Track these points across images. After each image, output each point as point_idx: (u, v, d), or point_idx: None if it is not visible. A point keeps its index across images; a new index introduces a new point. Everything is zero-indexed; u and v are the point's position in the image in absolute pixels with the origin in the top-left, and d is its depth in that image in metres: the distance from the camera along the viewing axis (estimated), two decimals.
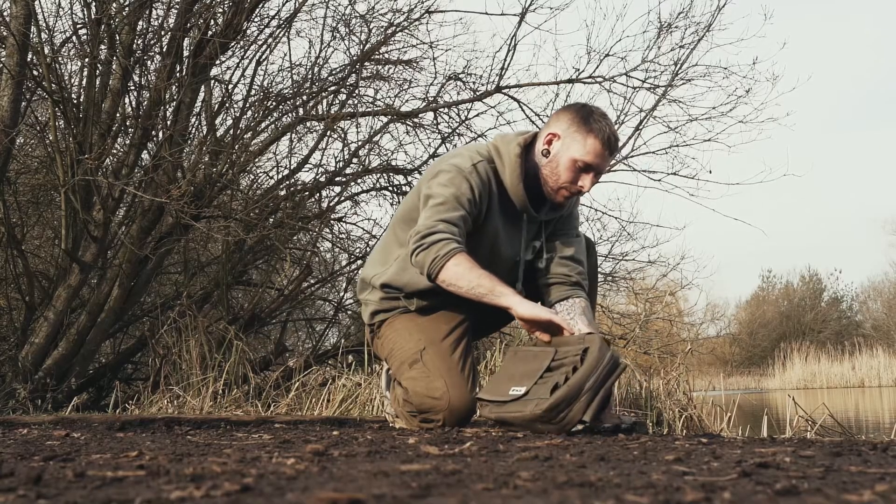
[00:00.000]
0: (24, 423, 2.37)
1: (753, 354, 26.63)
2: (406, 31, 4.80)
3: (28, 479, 0.97)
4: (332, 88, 4.71)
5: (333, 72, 4.77)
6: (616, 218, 5.38)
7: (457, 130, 4.99)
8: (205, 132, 4.32)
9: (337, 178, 4.85)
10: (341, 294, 5.72)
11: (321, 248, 5.61)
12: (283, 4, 4.44)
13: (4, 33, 3.72)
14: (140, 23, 4.02)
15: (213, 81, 4.45)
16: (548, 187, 2.24)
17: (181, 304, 4.15)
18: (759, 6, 4.76)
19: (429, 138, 5.05)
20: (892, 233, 40.48)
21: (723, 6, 4.74)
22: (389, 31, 4.70)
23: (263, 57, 4.45)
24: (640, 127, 4.97)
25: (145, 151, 4.19)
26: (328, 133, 4.65)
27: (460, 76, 4.90)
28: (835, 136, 51.89)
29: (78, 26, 4.01)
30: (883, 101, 49.98)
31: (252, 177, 5.52)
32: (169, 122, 3.96)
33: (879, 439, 2.07)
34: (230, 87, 4.55)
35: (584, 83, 4.84)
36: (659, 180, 5.00)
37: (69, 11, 4.07)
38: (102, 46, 3.85)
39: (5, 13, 3.77)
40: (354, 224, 5.43)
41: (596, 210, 5.36)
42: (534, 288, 2.36)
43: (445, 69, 5.03)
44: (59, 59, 3.96)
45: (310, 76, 4.60)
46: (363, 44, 4.65)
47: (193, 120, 4.41)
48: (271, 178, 5.34)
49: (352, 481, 0.98)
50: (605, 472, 1.09)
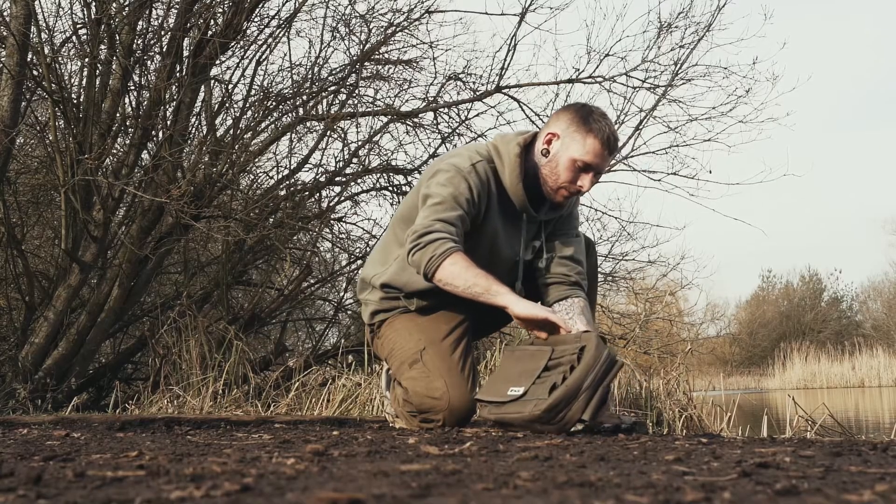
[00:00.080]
0: (24, 423, 2.37)
1: (753, 354, 26.63)
2: (406, 31, 4.80)
3: (28, 479, 0.97)
4: (332, 88, 4.71)
5: (333, 72, 4.77)
6: (616, 218, 5.39)
7: (457, 130, 4.99)
8: (205, 132, 4.32)
9: (337, 178, 4.85)
10: (341, 294, 5.72)
11: (321, 248, 5.61)
12: (283, 4, 4.45)
13: (4, 33, 3.72)
14: (140, 23, 4.02)
15: (213, 81, 4.45)
16: (547, 187, 2.24)
17: (181, 304, 4.15)
18: (759, 6, 4.76)
19: (429, 138, 5.06)
20: (892, 233, 40.53)
21: (723, 6, 4.74)
22: (389, 31, 4.70)
23: (263, 57, 4.46)
24: (640, 127, 4.98)
25: (145, 151, 4.19)
26: (328, 133, 4.65)
27: (460, 76, 4.91)
28: (835, 136, 51.96)
29: (78, 26, 4.01)
30: (883, 101, 50.05)
31: (252, 177, 5.52)
32: (169, 122, 3.96)
33: (879, 439, 2.07)
34: (230, 87, 4.56)
35: (584, 83, 4.84)
36: (659, 180, 5.00)
37: (69, 11, 4.08)
38: (102, 46, 3.85)
39: (5, 13, 3.77)
40: (354, 224, 5.44)
41: (596, 210, 5.37)
42: (533, 288, 2.37)
43: (445, 69, 5.03)
44: (59, 59, 3.96)
45: (310, 76, 4.60)
46: (363, 44, 4.65)
47: (193, 120, 4.41)
48: (271, 178, 5.35)
49: (352, 481, 0.98)
50: (605, 472, 1.09)
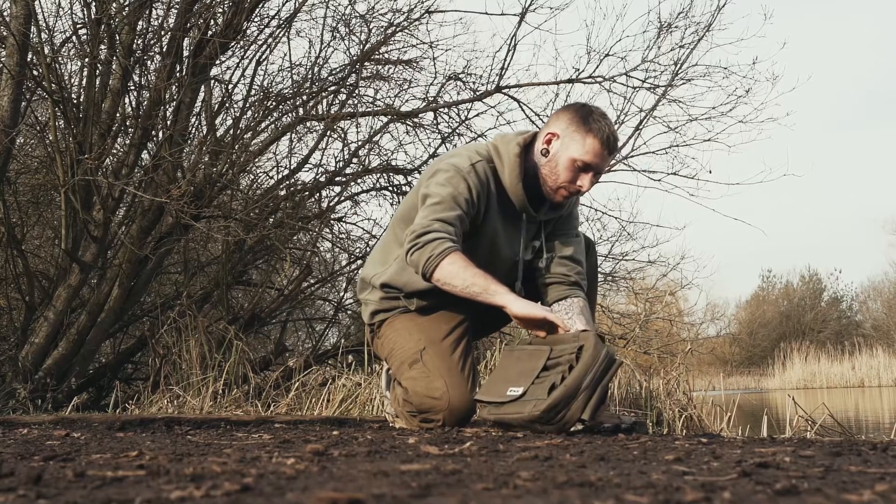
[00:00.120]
0: (24, 423, 2.37)
1: (753, 354, 26.63)
2: (406, 31, 4.79)
3: (28, 479, 0.97)
4: (332, 88, 4.71)
5: (333, 72, 4.77)
6: (616, 218, 5.39)
7: (457, 130, 4.99)
8: (205, 132, 4.32)
9: (337, 178, 4.85)
10: (341, 294, 5.72)
11: (321, 248, 5.61)
12: (283, 4, 4.44)
13: (4, 33, 3.72)
14: (140, 23, 4.02)
15: (213, 81, 4.45)
16: (547, 187, 2.24)
17: (181, 304, 4.15)
18: (759, 6, 4.76)
19: (429, 138, 5.06)
20: (892, 233, 40.48)
21: (723, 6, 4.74)
22: (389, 31, 4.70)
23: (263, 57, 4.45)
24: (640, 127, 4.97)
25: (145, 151, 4.19)
26: (328, 133, 4.65)
27: (460, 76, 4.90)
28: (835, 136, 51.96)
29: (78, 26, 4.01)
30: (883, 101, 50.05)
31: (252, 177, 5.52)
32: (169, 122, 3.96)
33: (879, 439, 2.07)
34: (230, 87, 4.55)
35: (584, 83, 4.84)
36: (659, 180, 5.00)
37: (69, 11, 4.08)
38: (102, 46, 3.85)
39: (5, 13, 3.77)
40: (354, 224, 5.44)
41: (596, 210, 5.36)
42: (533, 287, 2.37)
43: (445, 69, 5.03)
44: (59, 59, 3.96)
45: (310, 76, 4.60)
46: (363, 44, 4.65)
47: (193, 120, 4.41)
48: (271, 178, 5.35)
49: (352, 481, 0.98)
50: (605, 472, 1.09)
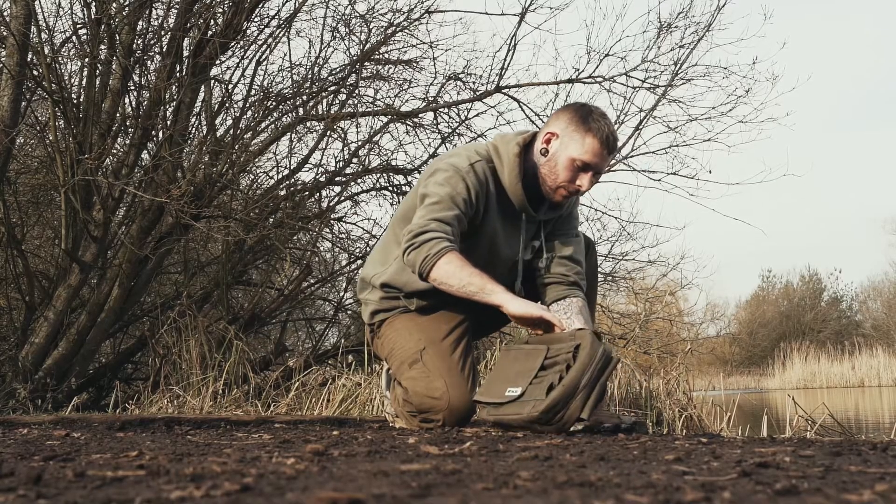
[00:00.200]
0: (24, 423, 2.37)
1: (753, 354, 26.63)
2: (406, 31, 4.79)
3: (28, 479, 0.97)
4: (332, 88, 4.71)
5: (333, 72, 4.77)
6: (616, 218, 5.39)
7: (457, 130, 4.99)
8: (205, 132, 4.32)
9: (337, 178, 4.85)
10: (341, 294, 5.72)
11: (321, 248, 5.61)
12: (283, 4, 4.44)
13: (4, 33, 3.72)
14: (140, 23, 4.02)
15: (213, 81, 4.44)
16: (546, 186, 2.24)
17: (181, 303, 4.15)
18: (759, 6, 4.76)
19: (429, 138, 5.06)
20: (892, 233, 40.49)
21: (723, 6, 4.74)
22: (389, 31, 4.70)
23: (263, 57, 4.45)
24: (640, 127, 4.97)
25: (145, 151, 4.19)
26: (328, 133, 4.65)
27: (460, 76, 4.90)
28: (835, 136, 51.96)
29: (78, 26, 4.01)
30: (883, 101, 50.06)
31: (252, 177, 5.52)
32: (169, 122, 3.96)
33: (879, 439, 2.07)
34: (230, 87, 4.55)
35: (584, 83, 4.84)
36: (659, 180, 5.00)
37: (69, 11, 4.08)
38: (102, 46, 3.85)
39: (5, 13, 3.77)
40: (354, 224, 5.43)
41: (596, 210, 5.36)
42: (533, 287, 2.37)
43: (445, 69, 5.03)
44: (59, 59, 3.96)
45: (310, 76, 4.60)
46: (363, 44, 4.65)
47: (193, 120, 4.41)
48: (271, 178, 5.35)
49: (352, 481, 0.98)
50: (605, 471, 1.09)
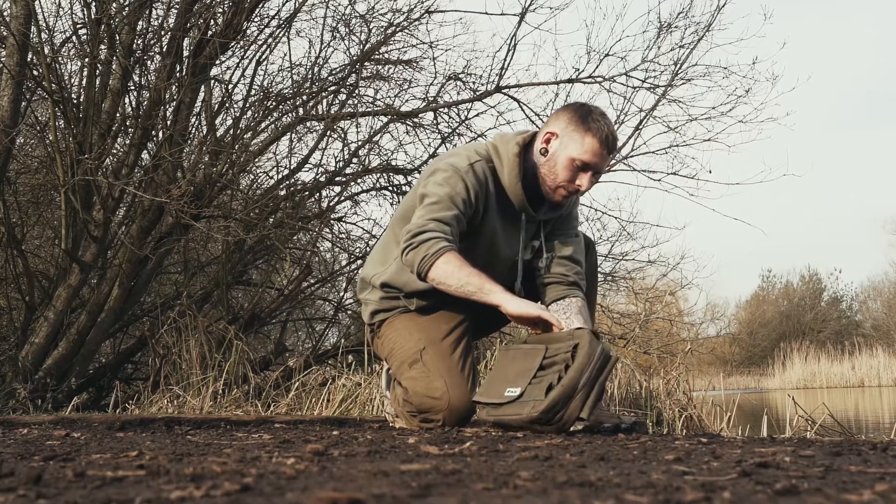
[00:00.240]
0: (24, 423, 2.37)
1: (753, 354, 26.63)
2: (406, 31, 4.79)
3: (28, 479, 0.97)
4: (332, 88, 4.71)
5: (333, 72, 4.77)
6: (616, 218, 5.39)
7: (457, 130, 4.99)
8: (205, 132, 4.32)
9: (337, 178, 4.85)
10: (341, 294, 5.72)
11: (321, 248, 5.61)
12: (283, 4, 4.44)
13: (4, 33, 3.72)
14: (140, 23, 4.02)
15: (213, 81, 4.44)
16: (546, 186, 2.24)
17: (181, 303, 4.15)
18: (759, 6, 4.76)
19: (429, 138, 5.06)
20: (892, 233, 40.48)
21: (723, 6, 4.74)
22: (389, 31, 4.70)
23: (263, 57, 4.45)
24: (640, 127, 4.97)
25: (145, 151, 4.19)
26: (328, 133, 4.65)
27: (460, 76, 4.90)
28: (835, 136, 51.96)
29: (78, 26, 4.01)
30: (883, 101, 50.05)
31: (252, 177, 5.52)
32: (169, 122, 3.96)
33: (879, 439, 2.07)
34: (230, 87, 4.55)
35: (584, 83, 4.84)
36: (659, 180, 5.00)
37: (69, 11, 4.08)
38: (102, 46, 3.85)
39: (5, 13, 3.77)
40: (354, 224, 5.44)
41: (596, 210, 5.37)
42: (533, 287, 2.36)
43: (445, 69, 5.03)
44: (59, 59, 3.96)
45: (310, 76, 4.60)
46: (363, 44, 4.65)
47: (193, 120, 4.41)
48: (271, 178, 5.35)
49: (352, 481, 0.98)
50: (605, 471, 1.09)
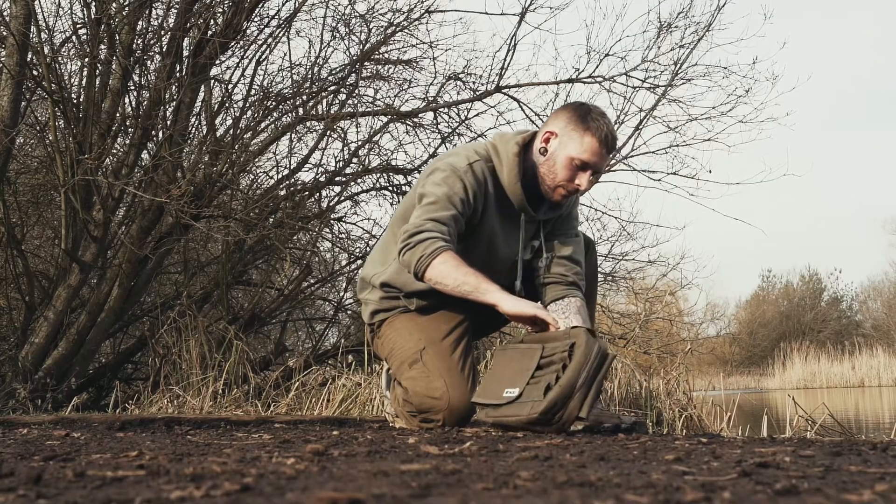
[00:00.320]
0: (24, 423, 2.37)
1: (753, 354, 26.62)
2: (406, 30, 4.79)
3: (28, 479, 0.97)
4: (332, 88, 4.71)
5: (333, 72, 4.77)
6: (616, 218, 5.39)
7: (457, 130, 4.99)
8: (205, 132, 4.32)
9: (337, 178, 4.85)
10: (341, 294, 5.72)
11: (321, 248, 5.61)
12: (283, 4, 4.44)
13: (4, 33, 3.72)
14: (140, 23, 4.02)
15: (212, 81, 4.45)
16: (545, 186, 2.24)
17: (181, 303, 4.15)
18: (759, 6, 4.76)
19: (429, 138, 5.06)
20: (892, 233, 40.49)
21: (723, 6, 4.74)
22: (389, 31, 4.70)
23: (263, 57, 4.45)
24: (640, 127, 4.97)
25: (145, 151, 4.19)
26: (328, 133, 4.65)
27: (460, 76, 4.90)
28: (835, 136, 51.96)
29: (78, 26, 4.01)
30: (883, 101, 50.06)
31: (252, 177, 5.52)
32: (169, 122, 3.96)
33: (879, 439, 2.07)
34: (230, 86, 4.56)
35: (584, 83, 4.84)
36: (659, 180, 5.00)
37: (69, 11, 4.08)
38: (102, 46, 3.85)
39: (5, 13, 3.77)
40: (354, 224, 5.43)
41: (596, 210, 5.36)
42: (533, 287, 2.36)
43: (445, 69, 5.02)
44: (59, 59, 3.96)
45: (310, 76, 4.60)
46: (363, 44, 4.65)
47: (193, 120, 4.41)
48: (271, 177, 5.35)
49: (352, 481, 0.98)
50: (605, 471, 1.09)
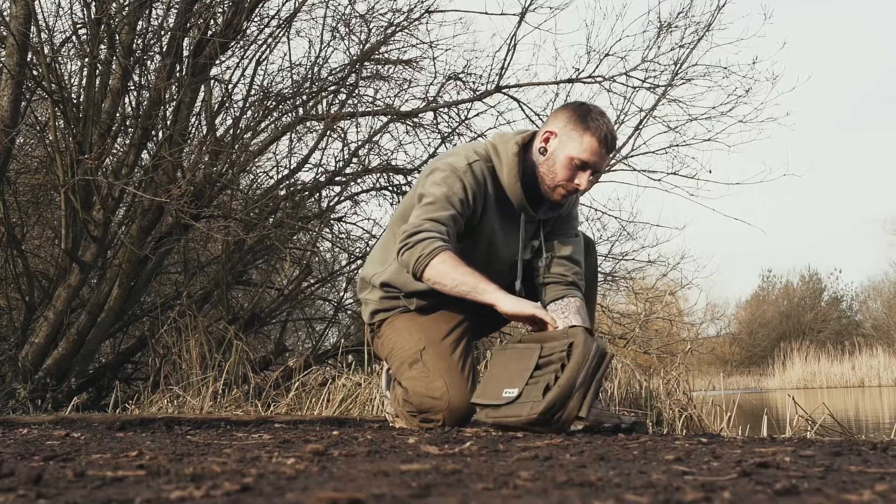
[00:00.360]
0: (24, 423, 2.37)
1: (753, 354, 26.62)
2: (406, 30, 4.79)
3: (28, 479, 0.97)
4: (332, 88, 4.71)
5: (333, 72, 4.76)
6: (616, 217, 5.39)
7: (457, 130, 4.99)
8: (205, 132, 4.32)
9: (337, 178, 4.85)
10: (341, 294, 5.72)
11: (321, 248, 5.61)
12: (283, 4, 4.44)
13: (4, 33, 3.72)
14: (140, 23, 4.02)
15: (212, 81, 4.44)
16: (545, 185, 2.23)
17: (181, 303, 4.15)
18: (759, 6, 4.76)
19: (429, 138, 5.06)
20: (892, 233, 40.49)
21: (723, 6, 4.74)
22: (389, 31, 4.70)
23: (263, 57, 4.45)
24: (640, 127, 4.97)
25: (145, 151, 4.19)
26: (328, 133, 4.65)
27: (460, 76, 4.90)
28: (835, 136, 51.96)
29: (78, 26, 4.01)
30: (883, 101, 50.06)
31: (252, 177, 5.52)
32: (169, 122, 3.96)
33: (879, 439, 2.07)
34: (230, 86, 4.55)
35: (584, 83, 4.84)
36: (659, 180, 5.00)
37: (69, 11, 4.08)
38: (102, 46, 3.85)
39: (5, 13, 3.77)
40: (354, 224, 5.43)
41: (596, 210, 5.37)
42: (533, 287, 2.36)
43: (445, 69, 5.02)
44: (59, 59, 3.96)
45: (310, 76, 4.60)
46: (363, 44, 4.65)
47: (193, 120, 4.41)
48: (271, 177, 5.35)
49: (352, 481, 0.98)
50: (605, 471, 1.09)
